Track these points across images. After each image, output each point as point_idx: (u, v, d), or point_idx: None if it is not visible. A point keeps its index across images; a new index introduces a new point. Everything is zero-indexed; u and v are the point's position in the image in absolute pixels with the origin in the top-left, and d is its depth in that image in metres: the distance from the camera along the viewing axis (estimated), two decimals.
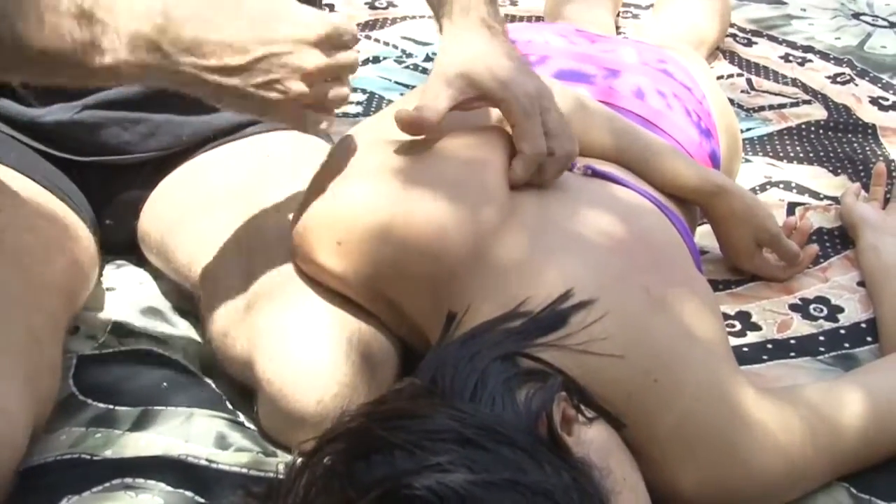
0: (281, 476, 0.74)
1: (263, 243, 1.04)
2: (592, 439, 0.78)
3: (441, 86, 0.99)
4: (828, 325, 1.23)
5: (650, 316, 0.89)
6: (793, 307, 1.26)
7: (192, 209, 1.14)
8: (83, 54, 0.83)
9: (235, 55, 0.85)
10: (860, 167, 1.56)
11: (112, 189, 1.20)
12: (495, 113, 1.04)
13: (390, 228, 0.93)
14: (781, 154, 1.60)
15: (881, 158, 1.57)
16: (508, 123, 1.00)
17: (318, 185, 0.99)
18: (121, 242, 1.23)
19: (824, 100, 1.77)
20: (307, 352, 0.95)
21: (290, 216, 1.01)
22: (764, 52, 1.95)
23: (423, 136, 1.00)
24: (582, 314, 0.86)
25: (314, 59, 0.87)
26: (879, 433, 0.95)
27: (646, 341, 0.87)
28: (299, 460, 0.73)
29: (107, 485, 0.93)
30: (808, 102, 1.76)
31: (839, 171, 1.56)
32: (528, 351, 0.82)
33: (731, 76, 1.85)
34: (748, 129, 1.66)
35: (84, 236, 1.15)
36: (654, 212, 1.06)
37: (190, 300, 1.13)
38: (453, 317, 0.88)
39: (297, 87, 0.87)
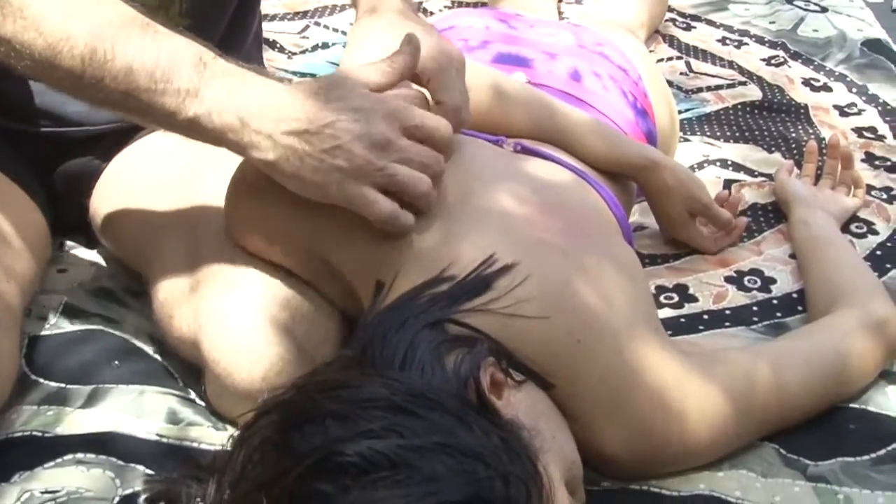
0: (227, 448, 0.75)
1: (208, 225, 1.04)
2: (521, 401, 0.80)
3: None
4: (761, 296, 1.26)
5: (570, 277, 0.90)
6: (728, 279, 1.29)
7: (140, 190, 1.14)
8: (179, 98, 0.87)
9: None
10: (793, 145, 1.60)
11: (64, 163, 1.18)
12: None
13: None
14: (718, 133, 1.64)
15: (813, 137, 1.62)
16: (422, 83, 1.00)
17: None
18: (72, 221, 1.22)
19: (759, 81, 1.81)
20: (250, 330, 0.95)
21: None
22: (702, 35, 1.99)
23: None
24: (507, 278, 0.87)
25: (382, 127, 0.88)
26: (801, 392, 0.99)
27: (567, 302, 0.89)
28: (238, 433, 0.75)
29: (58, 460, 0.94)
30: (743, 84, 1.80)
31: (773, 149, 1.60)
32: (455, 317, 0.83)
33: (670, 59, 1.88)
34: (687, 110, 1.70)
35: (37, 219, 1.14)
36: (576, 183, 1.08)
37: (139, 281, 1.14)
38: (381, 286, 0.89)
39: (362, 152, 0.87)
